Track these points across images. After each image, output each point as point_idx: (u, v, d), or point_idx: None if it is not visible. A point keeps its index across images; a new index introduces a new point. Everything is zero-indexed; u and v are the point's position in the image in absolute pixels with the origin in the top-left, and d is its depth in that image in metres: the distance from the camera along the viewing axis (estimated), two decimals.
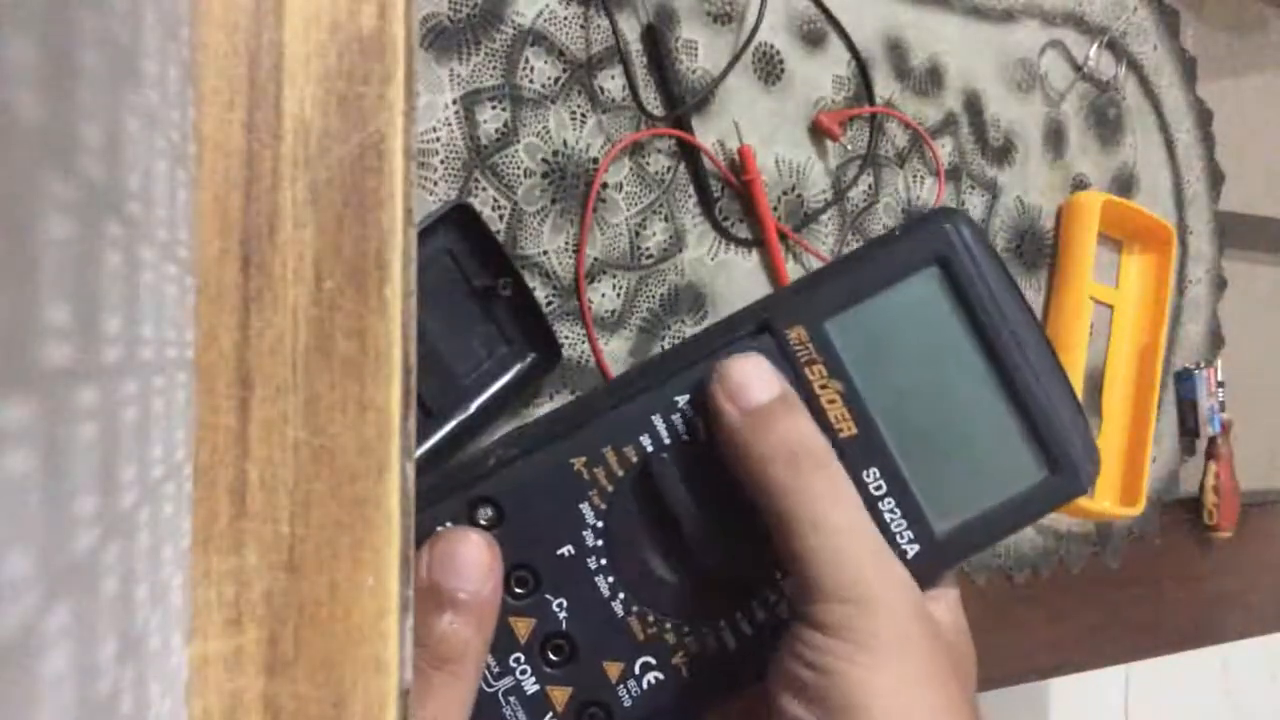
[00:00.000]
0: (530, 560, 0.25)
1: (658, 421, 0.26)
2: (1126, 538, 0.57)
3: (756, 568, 0.26)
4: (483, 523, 0.25)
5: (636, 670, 0.26)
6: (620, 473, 0.25)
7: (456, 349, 0.37)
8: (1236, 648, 0.70)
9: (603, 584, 0.25)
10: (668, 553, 0.26)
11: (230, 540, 0.18)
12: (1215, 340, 0.61)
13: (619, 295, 0.41)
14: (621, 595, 0.25)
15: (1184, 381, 0.59)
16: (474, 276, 0.37)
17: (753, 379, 0.25)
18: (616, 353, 0.41)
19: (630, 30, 0.42)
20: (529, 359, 0.38)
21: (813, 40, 0.46)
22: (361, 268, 0.18)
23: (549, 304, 0.40)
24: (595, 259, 0.41)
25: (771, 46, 0.45)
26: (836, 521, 0.23)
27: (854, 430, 0.26)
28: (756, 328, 0.26)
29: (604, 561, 0.25)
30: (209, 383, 0.18)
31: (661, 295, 0.42)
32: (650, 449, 0.26)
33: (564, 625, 0.25)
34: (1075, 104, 0.55)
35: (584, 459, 0.25)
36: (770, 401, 0.25)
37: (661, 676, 0.26)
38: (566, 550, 0.25)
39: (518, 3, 0.39)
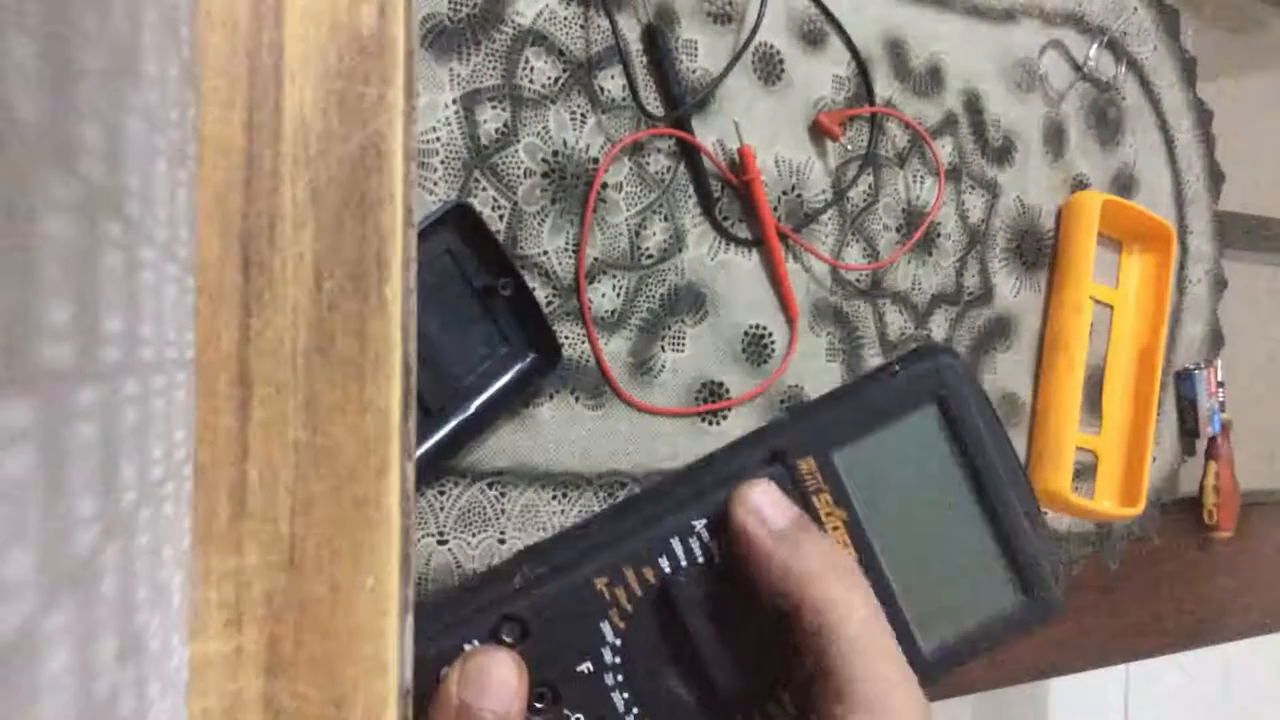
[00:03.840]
0: (551, 678, 0.26)
1: (675, 544, 0.27)
2: (1126, 538, 0.57)
3: (764, 686, 0.27)
4: (508, 640, 0.26)
5: None
6: (640, 593, 0.27)
7: (456, 349, 0.37)
8: (1236, 648, 0.70)
9: (618, 700, 0.27)
10: (681, 670, 0.27)
11: (230, 540, 0.17)
12: (1215, 340, 0.61)
13: (619, 295, 0.41)
14: (635, 710, 0.27)
15: (1184, 381, 0.59)
16: (474, 276, 0.37)
17: (773, 504, 0.27)
18: (616, 353, 0.41)
19: (630, 30, 0.42)
20: (529, 359, 0.38)
21: (813, 40, 0.46)
22: (361, 268, 0.18)
23: (549, 304, 0.40)
24: (595, 259, 0.41)
25: (771, 46, 0.45)
26: (871, 638, 0.25)
27: (854, 556, 0.28)
28: (769, 456, 0.28)
29: (620, 678, 0.27)
30: (209, 383, 0.18)
31: (661, 295, 0.42)
32: (668, 570, 0.27)
33: None
34: (1075, 104, 0.55)
35: (606, 579, 0.27)
36: (793, 524, 0.26)
37: None
38: (586, 667, 0.26)
39: (518, 3, 0.39)
